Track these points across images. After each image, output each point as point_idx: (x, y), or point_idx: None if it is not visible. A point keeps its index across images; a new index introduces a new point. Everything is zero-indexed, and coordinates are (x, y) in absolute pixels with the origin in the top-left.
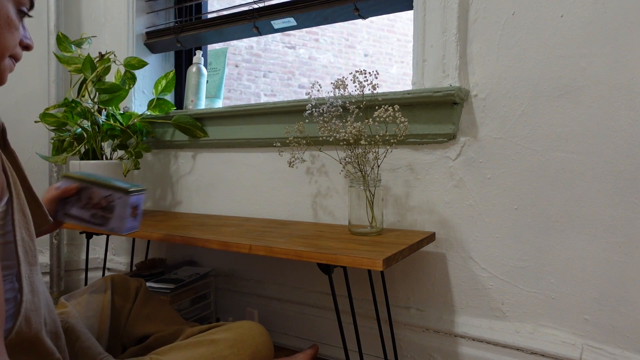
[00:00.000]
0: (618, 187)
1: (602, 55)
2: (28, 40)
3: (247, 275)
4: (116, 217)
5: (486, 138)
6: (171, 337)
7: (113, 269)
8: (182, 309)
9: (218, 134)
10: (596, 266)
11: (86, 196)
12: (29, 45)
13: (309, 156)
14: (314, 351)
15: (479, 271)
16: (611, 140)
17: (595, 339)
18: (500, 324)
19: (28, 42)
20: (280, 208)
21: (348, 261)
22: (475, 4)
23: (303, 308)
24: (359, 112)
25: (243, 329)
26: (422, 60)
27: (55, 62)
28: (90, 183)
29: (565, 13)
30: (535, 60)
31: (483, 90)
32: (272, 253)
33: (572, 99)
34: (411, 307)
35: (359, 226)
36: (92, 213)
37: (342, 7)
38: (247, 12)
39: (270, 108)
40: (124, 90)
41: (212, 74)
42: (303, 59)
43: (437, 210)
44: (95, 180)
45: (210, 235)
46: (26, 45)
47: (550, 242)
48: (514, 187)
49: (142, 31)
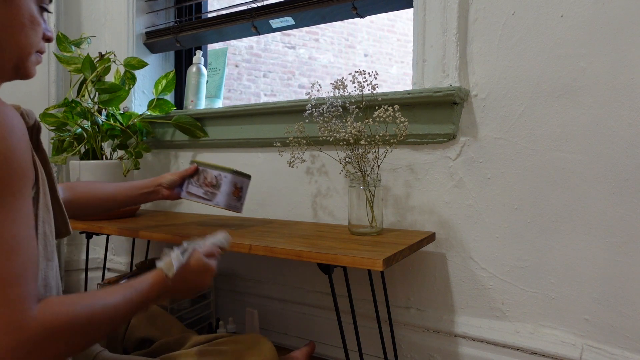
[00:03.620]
0: (618, 187)
1: (602, 55)
2: (49, 33)
3: (247, 275)
4: (221, 193)
5: (486, 138)
6: (176, 344)
7: (113, 269)
8: (182, 308)
9: (218, 134)
10: (596, 266)
11: (202, 176)
12: (50, 37)
13: (309, 156)
14: (311, 348)
15: (479, 271)
16: (611, 140)
17: (595, 339)
18: (500, 324)
19: (49, 34)
20: (280, 208)
21: (348, 261)
22: (475, 4)
23: (303, 308)
24: (359, 112)
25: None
26: (422, 60)
27: (55, 62)
28: (206, 166)
29: (565, 13)
30: (535, 60)
31: (483, 90)
32: (272, 253)
33: (572, 99)
34: (411, 307)
35: (359, 226)
36: (205, 190)
37: (340, 6)
38: (245, 12)
39: (270, 108)
40: (124, 90)
41: (212, 74)
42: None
43: (437, 210)
44: (209, 163)
45: None
46: (48, 37)
47: (550, 242)
48: (514, 187)
49: (142, 31)
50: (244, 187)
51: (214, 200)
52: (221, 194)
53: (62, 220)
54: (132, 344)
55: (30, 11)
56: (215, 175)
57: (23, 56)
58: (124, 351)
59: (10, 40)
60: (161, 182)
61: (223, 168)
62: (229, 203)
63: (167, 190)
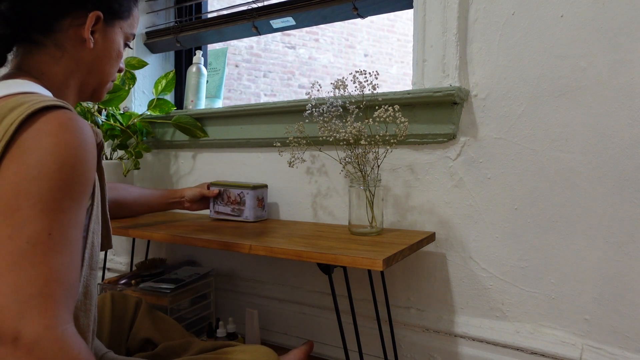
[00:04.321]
0: (618, 187)
1: (602, 55)
2: (123, 66)
3: (247, 275)
4: (247, 208)
5: (486, 138)
6: (180, 348)
7: (113, 269)
8: (182, 309)
9: (218, 134)
10: (596, 266)
11: (226, 195)
12: (122, 69)
13: (309, 156)
14: (309, 347)
15: (479, 271)
16: (611, 140)
17: (595, 339)
18: (500, 324)
19: (123, 67)
20: (280, 208)
21: (348, 261)
22: (475, 4)
23: (303, 308)
24: (359, 112)
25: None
26: (422, 60)
27: None
28: (227, 186)
29: (565, 13)
30: (535, 60)
31: (483, 90)
32: (272, 253)
33: (572, 99)
34: (411, 307)
35: (359, 226)
36: (232, 208)
37: (340, 7)
38: (245, 12)
39: (270, 108)
40: (123, 90)
41: (212, 74)
42: (303, 59)
43: (437, 210)
44: (229, 183)
45: (210, 235)
46: (121, 69)
47: (550, 242)
48: (514, 187)
49: (142, 31)
50: (264, 196)
51: (242, 216)
52: (247, 209)
53: (105, 233)
54: (137, 343)
55: (119, 46)
56: (238, 193)
57: (103, 83)
58: (127, 352)
59: (99, 68)
60: (184, 195)
61: (243, 185)
62: (256, 215)
63: (189, 203)
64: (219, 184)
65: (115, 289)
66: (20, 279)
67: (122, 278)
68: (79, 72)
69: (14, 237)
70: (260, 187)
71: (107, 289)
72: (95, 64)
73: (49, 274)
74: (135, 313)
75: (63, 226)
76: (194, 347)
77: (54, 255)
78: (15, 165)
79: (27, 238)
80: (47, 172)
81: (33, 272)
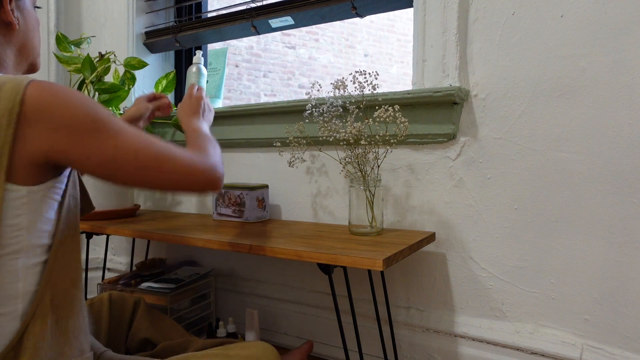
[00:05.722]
0: (618, 187)
1: (602, 55)
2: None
3: (247, 275)
4: (247, 209)
5: (486, 138)
6: (180, 347)
7: (113, 269)
8: (182, 309)
9: (218, 134)
10: (596, 266)
11: (227, 197)
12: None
13: (309, 156)
14: (309, 347)
15: (479, 271)
16: (611, 140)
17: (595, 339)
18: (500, 324)
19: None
20: (281, 208)
21: (348, 261)
22: (475, 4)
23: (303, 308)
24: (359, 112)
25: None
26: (422, 60)
27: (55, 62)
28: (227, 187)
29: (565, 13)
30: (535, 60)
31: (483, 90)
32: (272, 253)
33: (572, 99)
34: (411, 307)
35: (359, 226)
36: (233, 209)
37: (339, 6)
38: (244, 12)
39: (270, 108)
40: (123, 90)
41: (212, 74)
42: (303, 59)
43: (437, 210)
44: (230, 184)
45: (210, 235)
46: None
47: (550, 242)
48: (514, 187)
49: (141, 31)
50: (265, 197)
51: (243, 217)
52: (247, 210)
53: (84, 198)
54: (136, 344)
55: (34, 13)
56: (238, 194)
57: (37, 54)
58: (126, 351)
59: (29, 44)
60: (143, 114)
61: (243, 187)
62: (257, 215)
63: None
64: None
65: (115, 289)
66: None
67: (122, 278)
68: (13, 54)
69: (117, 146)
70: (260, 188)
71: (107, 288)
72: (25, 41)
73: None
74: (134, 313)
75: (135, 132)
76: (193, 347)
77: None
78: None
79: (130, 141)
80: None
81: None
